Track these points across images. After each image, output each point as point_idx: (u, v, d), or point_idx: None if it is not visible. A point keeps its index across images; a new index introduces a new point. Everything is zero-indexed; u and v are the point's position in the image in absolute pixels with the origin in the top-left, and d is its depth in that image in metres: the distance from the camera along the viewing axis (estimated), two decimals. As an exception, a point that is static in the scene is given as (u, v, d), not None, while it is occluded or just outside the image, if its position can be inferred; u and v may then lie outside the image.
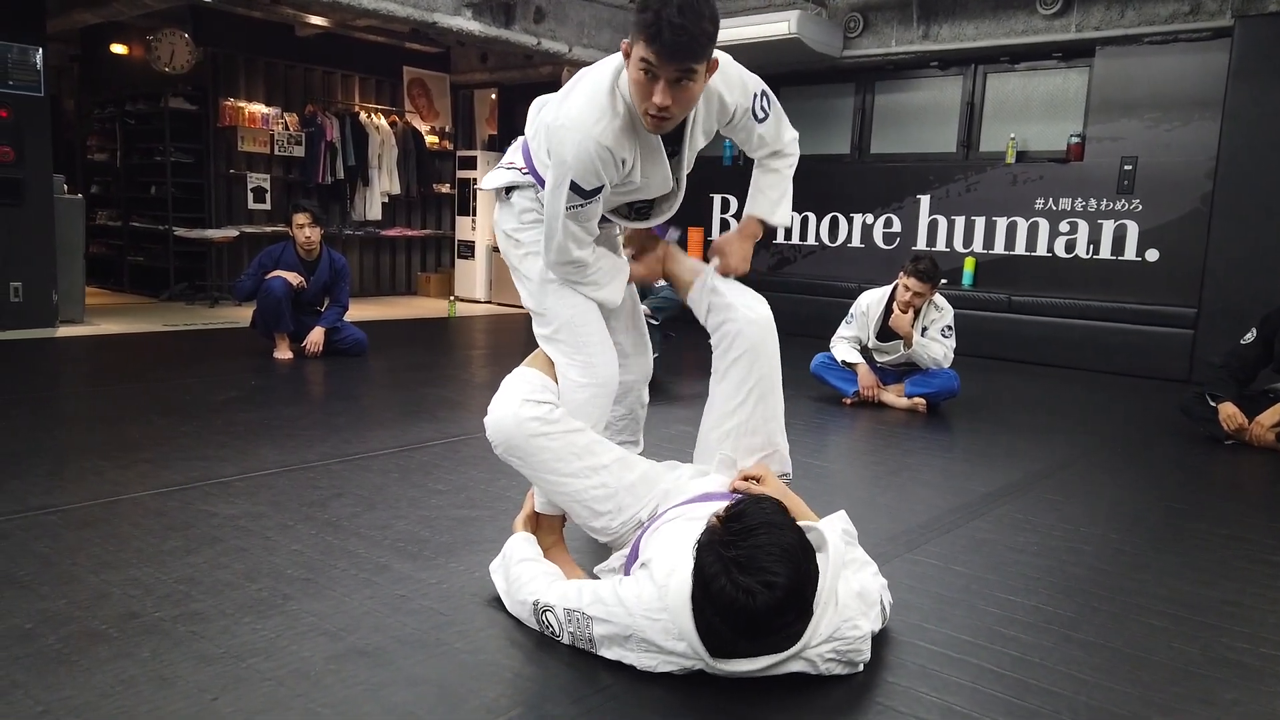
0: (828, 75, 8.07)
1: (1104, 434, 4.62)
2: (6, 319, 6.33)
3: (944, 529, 2.93)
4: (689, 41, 1.86)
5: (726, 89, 2.15)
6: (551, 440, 2.11)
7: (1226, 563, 2.73)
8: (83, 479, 3.09)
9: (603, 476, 2.14)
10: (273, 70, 9.14)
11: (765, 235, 2.52)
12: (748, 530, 1.67)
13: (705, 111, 2.15)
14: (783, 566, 1.63)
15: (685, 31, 1.84)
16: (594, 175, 2.02)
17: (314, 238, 5.74)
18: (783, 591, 1.62)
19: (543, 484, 2.18)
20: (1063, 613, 2.28)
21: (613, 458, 2.18)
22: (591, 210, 2.10)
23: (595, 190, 2.05)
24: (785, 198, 2.42)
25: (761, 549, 1.64)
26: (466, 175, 9.93)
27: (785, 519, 1.75)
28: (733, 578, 1.63)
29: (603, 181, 2.04)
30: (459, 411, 4.54)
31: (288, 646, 1.92)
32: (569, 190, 2.04)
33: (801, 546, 1.69)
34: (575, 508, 2.18)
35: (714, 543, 1.69)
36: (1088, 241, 6.78)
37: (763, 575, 1.62)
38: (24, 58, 6.28)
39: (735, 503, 1.80)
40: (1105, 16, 6.50)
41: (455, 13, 6.98)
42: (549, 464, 2.12)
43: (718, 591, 1.65)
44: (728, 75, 2.14)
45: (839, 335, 5.05)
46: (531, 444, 2.10)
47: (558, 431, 2.12)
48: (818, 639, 1.76)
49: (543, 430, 2.10)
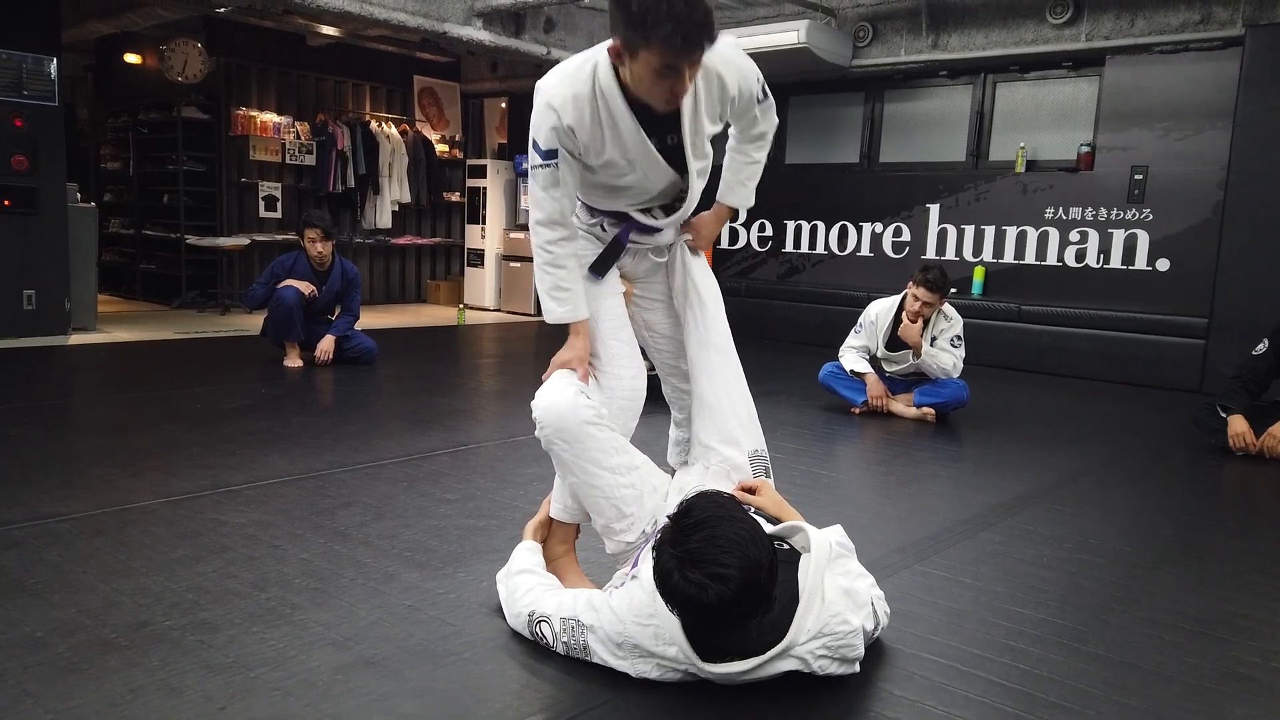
0: (837, 84, 8.07)
1: (1114, 445, 4.60)
2: (19, 326, 6.37)
3: (953, 540, 2.91)
4: (702, 30, 1.87)
5: (725, 68, 2.11)
6: (600, 430, 2.11)
7: (1239, 576, 2.71)
8: (94, 487, 3.11)
9: (633, 477, 2.14)
10: (284, 79, 9.20)
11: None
12: (696, 525, 1.68)
13: (706, 94, 2.11)
14: (731, 557, 1.63)
15: (698, 25, 1.85)
16: (545, 135, 2.07)
17: (325, 252, 5.76)
18: (734, 583, 1.62)
19: (580, 474, 2.13)
20: (1073, 626, 2.27)
21: (643, 460, 2.20)
22: (551, 176, 2.11)
23: (550, 153, 2.08)
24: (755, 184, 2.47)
25: (710, 542, 1.65)
26: (476, 184, 9.96)
27: (734, 510, 1.75)
28: (684, 573, 1.64)
29: (555, 145, 2.07)
30: (467, 421, 4.55)
31: (295, 656, 1.93)
32: (531, 146, 2.11)
33: (751, 535, 1.69)
34: (603, 504, 2.14)
35: (666, 540, 1.70)
36: (1098, 251, 6.76)
37: (711, 568, 1.63)
38: (39, 68, 6.33)
39: (685, 499, 1.80)
40: (1115, 26, 6.49)
41: (466, 22, 7.02)
42: (592, 453, 2.10)
43: (674, 589, 1.66)
44: (725, 55, 2.11)
45: (847, 344, 5.04)
46: (584, 430, 2.10)
47: (604, 423, 2.13)
48: (805, 635, 1.76)
49: (594, 419, 2.11)
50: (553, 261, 2.20)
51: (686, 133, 2.12)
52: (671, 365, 2.51)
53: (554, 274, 2.21)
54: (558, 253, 2.20)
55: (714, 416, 2.30)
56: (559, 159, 2.09)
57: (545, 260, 2.21)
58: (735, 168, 2.40)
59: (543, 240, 2.19)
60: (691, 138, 2.14)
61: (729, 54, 2.14)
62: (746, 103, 2.22)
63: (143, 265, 9.37)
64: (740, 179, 2.41)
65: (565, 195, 2.15)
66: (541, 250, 2.20)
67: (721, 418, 2.29)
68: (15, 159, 6.26)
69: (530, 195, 2.19)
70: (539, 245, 2.21)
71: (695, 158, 2.18)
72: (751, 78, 2.20)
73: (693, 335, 2.36)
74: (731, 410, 2.30)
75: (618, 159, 2.12)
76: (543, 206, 2.16)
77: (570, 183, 2.15)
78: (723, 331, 2.37)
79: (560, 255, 2.20)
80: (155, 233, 9.12)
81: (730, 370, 2.34)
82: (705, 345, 2.34)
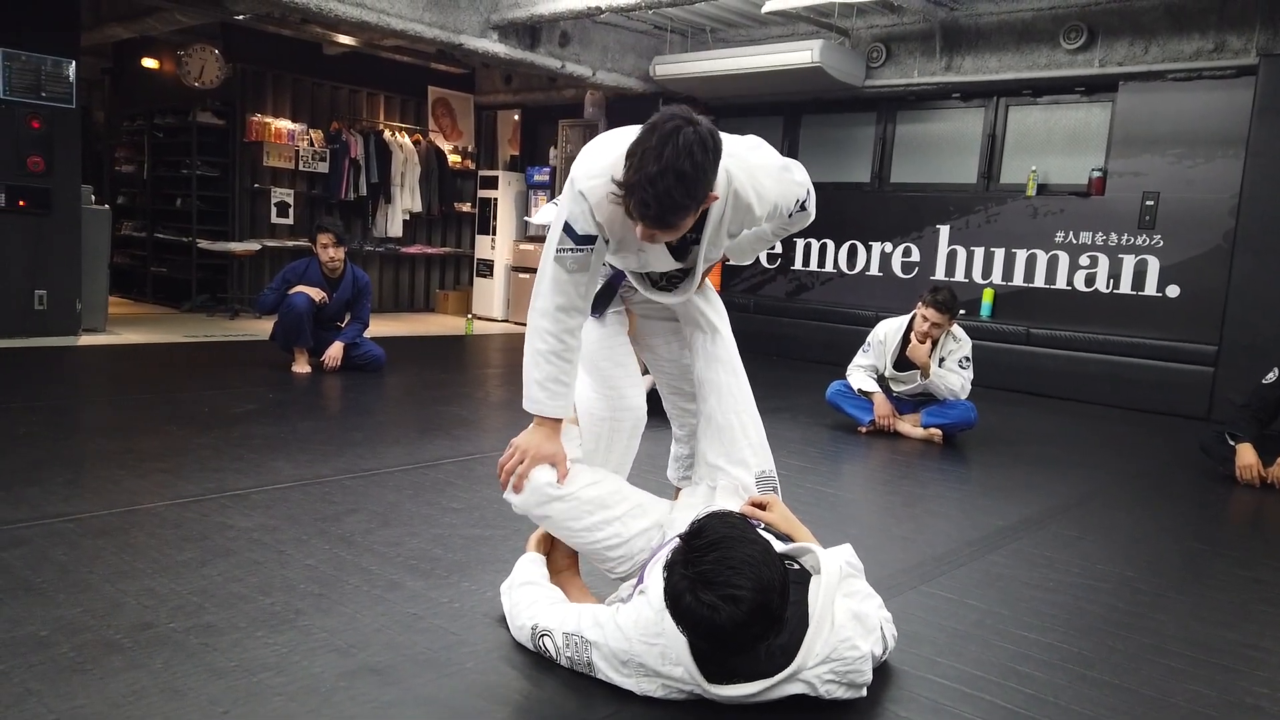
0: (849, 104, 8.09)
1: (1122, 470, 4.58)
2: (30, 326, 6.40)
3: (958, 562, 2.90)
4: (670, 218, 1.85)
5: (758, 202, 2.07)
6: (563, 502, 2.11)
7: (1246, 605, 2.70)
8: (100, 488, 3.12)
9: (615, 528, 2.13)
10: (300, 87, 9.26)
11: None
12: (709, 545, 1.68)
13: (733, 214, 2.07)
14: (744, 579, 1.63)
15: (664, 219, 1.84)
16: (583, 222, 1.99)
17: (338, 257, 5.79)
18: (747, 605, 1.62)
19: (559, 533, 2.20)
20: (1078, 651, 2.26)
21: (625, 508, 2.16)
22: (582, 260, 2.02)
23: (587, 238, 1.99)
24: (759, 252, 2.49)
25: (723, 563, 1.64)
26: (488, 195, 10.00)
27: (747, 531, 1.75)
28: (697, 595, 1.64)
29: (593, 231, 1.99)
30: (474, 430, 4.55)
31: (299, 662, 1.93)
32: (561, 230, 2.02)
33: (764, 557, 1.68)
34: (588, 551, 2.20)
35: (677, 561, 1.70)
36: (1108, 276, 6.75)
37: (724, 590, 1.62)
38: (57, 70, 6.38)
39: (697, 519, 1.80)
40: (1129, 52, 6.51)
41: (482, 35, 7.07)
42: (562, 522, 2.13)
43: (685, 610, 1.66)
44: (761, 187, 2.07)
45: (855, 364, 5.04)
46: (544, 509, 2.12)
47: (568, 493, 2.11)
48: (814, 659, 1.76)
49: (550, 496, 2.10)
50: (559, 352, 2.07)
51: (703, 246, 2.11)
52: (675, 386, 2.50)
53: (556, 366, 2.08)
54: (568, 343, 2.08)
55: (723, 437, 2.29)
56: (595, 245, 2.01)
57: (550, 349, 2.07)
58: (751, 237, 2.40)
59: (554, 328, 2.06)
60: (707, 250, 2.13)
61: (767, 185, 2.09)
62: (777, 216, 2.20)
63: (154, 268, 9.40)
64: (752, 246, 2.43)
65: (590, 281, 2.08)
66: (548, 337, 2.06)
67: (730, 439, 2.28)
68: (31, 160, 6.31)
69: (548, 280, 2.05)
70: (546, 331, 2.06)
71: (705, 261, 2.16)
72: (790, 199, 2.17)
73: (701, 355, 2.35)
74: (741, 432, 2.29)
75: (629, 252, 2.11)
76: (564, 291, 2.04)
77: (597, 269, 2.10)
78: (732, 352, 2.36)
79: (569, 347, 2.08)
80: (167, 236, 9.16)
81: (740, 391, 2.33)
82: (714, 364, 2.33)
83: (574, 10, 6.52)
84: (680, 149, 1.78)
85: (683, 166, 1.78)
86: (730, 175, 2.00)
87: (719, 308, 2.40)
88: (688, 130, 1.80)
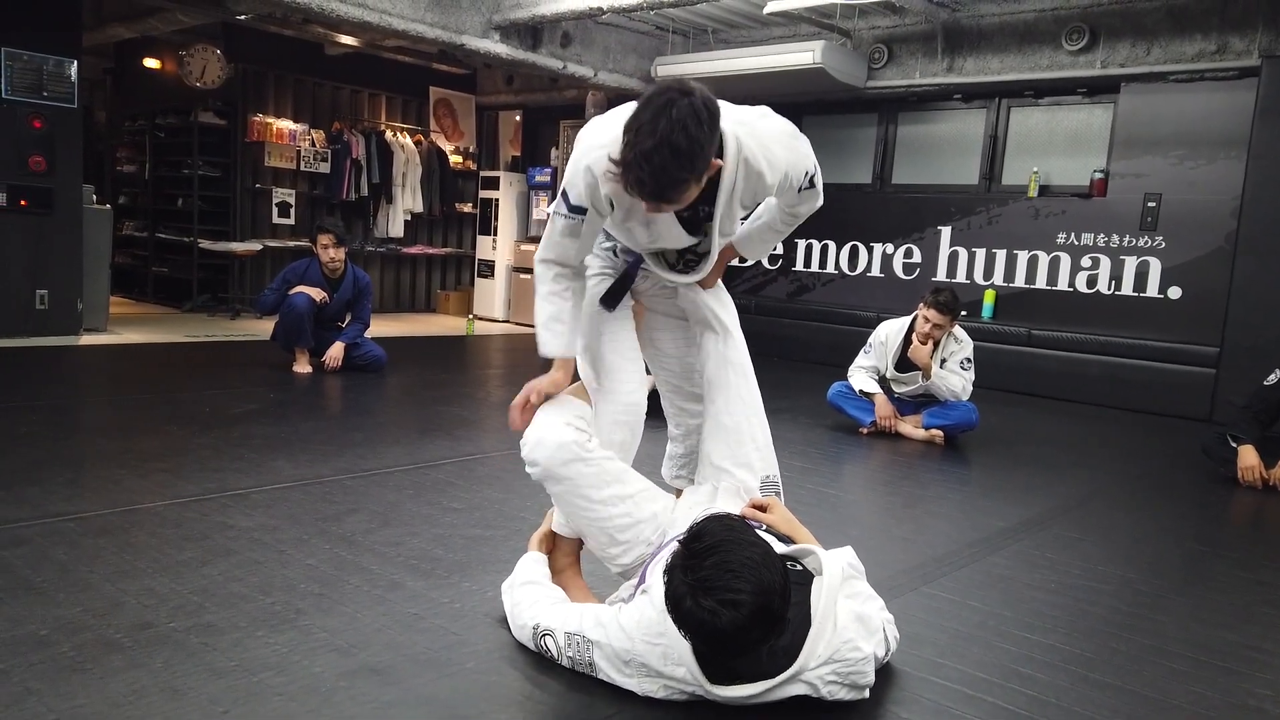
0: (851, 105, 8.09)
1: (1123, 472, 4.58)
2: (31, 325, 6.41)
3: (960, 564, 2.90)
4: (668, 193, 1.84)
5: (769, 169, 2.04)
6: (589, 465, 2.10)
7: (1249, 607, 2.69)
8: (101, 487, 3.12)
9: (627, 506, 2.13)
10: (301, 87, 9.26)
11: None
12: (708, 549, 1.67)
13: (744, 185, 2.05)
14: (744, 582, 1.62)
15: (661, 194, 1.84)
16: (579, 192, 2.02)
17: (338, 258, 5.79)
18: (747, 609, 1.61)
19: (570, 507, 2.17)
20: (1080, 652, 2.25)
21: (638, 488, 2.17)
22: (573, 228, 2.08)
23: (579, 209, 2.04)
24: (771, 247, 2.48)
25: (722, 567, 1.64)
26: (489, 195, 10.00)
27: (746, 534, 1.74)
28: (697, 599, 1.63)
29: (585, 203, 2.03)
30: (475, 430, 4.55)
31: (299, 662, 1.93)
32: (560, 194, 2.07)
33: (764, 559, 1.68)
34: (595, 533, 2.16)
35: (677, 565, 1.69)
36: (1109, 277, 6.75)
37: (724, 594, 1.61)
38: (59, 70, 6.39)
39: (696, 522, 1.79)
40: (1131, 54, 6.50)
41: (484, 35, 7.06)
42: (580, 488, 2.11)
43: (686, 614, 1.65)
44: (772, 155, 2.04)
45: (857, 364, 5.04)
46: (568, 469, 2.10)
47: (594, 458, 2.11)
48: (816, 661, 1.75)
49: (580, 455, 2.09)
50: (555, 292, 2.17)
51: (717, 219, 2.09)
52: (675, 385, 2.49)
53: (555, 304, 2.17)
54: (563, 286, 2.17)
55: (729, 439, 2.28)
56: (586, 216, 2.06)
57: (547, 290, 2.17)
58: (761, 227, 2.37)
59: (547, 274, 2.17)
60: (721, 221, 2.11)
61: (777, 152, 2.06)
62: (788, 189, 2.17)
63: (155, 268, 9.41)
64: (761, 236, 2.38)
65: (581, 248, 2.15)
66: (545, 281, 2.17)
67: (737, 441, 2.27)
68: (33, 159, 6.31)
69: (546, 234, 2.15)
70: (542, 277, 2.18)
71: (720, 235, 2.15)
72: (800, 170, 2.14)
73: (712, 357, 2.33)
74: (749, 434, 2.28)
75: (637, 224, 2.11)
76: (555, 250, 2.14)
77: (589, 237, 2.13)
78: (744, 354, 2.35)
79: (562, 289, 2.17)
80: (168, 236, 9.16)
81: (749, 394, 2.32)
82: (725, 366, 2.31)
83: (576, 11, 6.52)
84: (674, 122, 1.77)
85: (677, 140, 1.77)
86: (740, 143, 1.99)
87: (731, 309, 2.38)
88: (682, 102, 1.79)
